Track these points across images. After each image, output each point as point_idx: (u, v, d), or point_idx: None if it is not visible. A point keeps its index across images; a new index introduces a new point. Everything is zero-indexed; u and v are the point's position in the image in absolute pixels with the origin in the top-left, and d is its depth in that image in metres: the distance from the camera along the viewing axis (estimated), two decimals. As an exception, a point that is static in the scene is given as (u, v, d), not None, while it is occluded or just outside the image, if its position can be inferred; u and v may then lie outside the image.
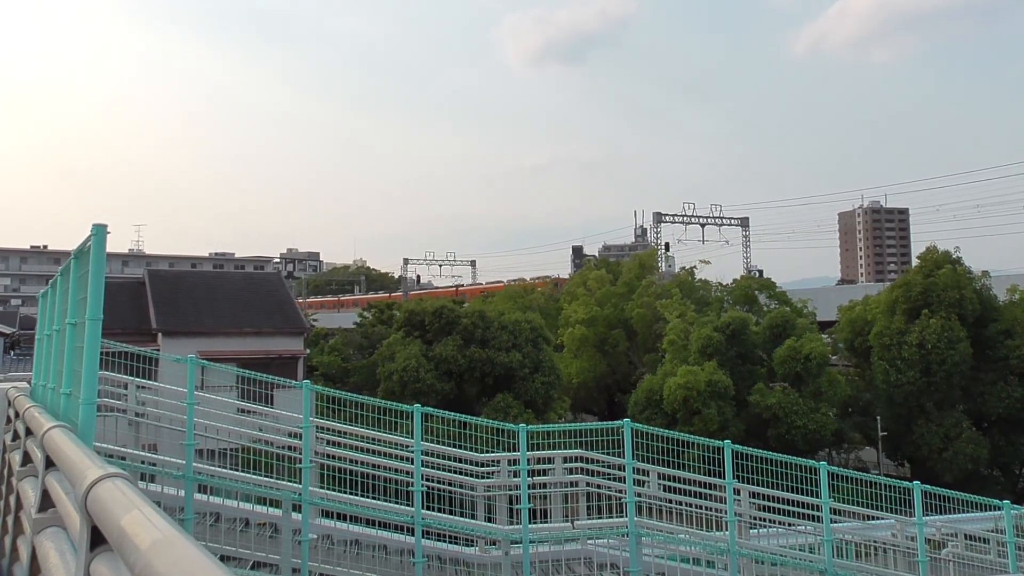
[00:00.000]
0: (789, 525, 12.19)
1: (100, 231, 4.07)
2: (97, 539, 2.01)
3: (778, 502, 12.06)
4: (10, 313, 59.05)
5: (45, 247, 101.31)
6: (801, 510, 12.05)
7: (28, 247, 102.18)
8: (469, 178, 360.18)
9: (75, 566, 2.25)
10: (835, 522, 11.89)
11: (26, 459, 4.71)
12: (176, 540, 1.28)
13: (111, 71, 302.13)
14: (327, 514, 10.97)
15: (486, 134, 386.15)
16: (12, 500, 4.93)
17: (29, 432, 4.73)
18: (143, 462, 10.08)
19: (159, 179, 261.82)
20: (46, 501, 3.31)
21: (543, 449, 12.23)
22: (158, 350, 20.63)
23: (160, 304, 32.37)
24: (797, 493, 11.74)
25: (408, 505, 10.49)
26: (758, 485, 11.69)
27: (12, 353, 42.02)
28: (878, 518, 13.04)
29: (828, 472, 11.54)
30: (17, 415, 5.89)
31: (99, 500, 1.92)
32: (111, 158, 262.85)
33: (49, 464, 3.42)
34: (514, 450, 11.11)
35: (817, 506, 11.58)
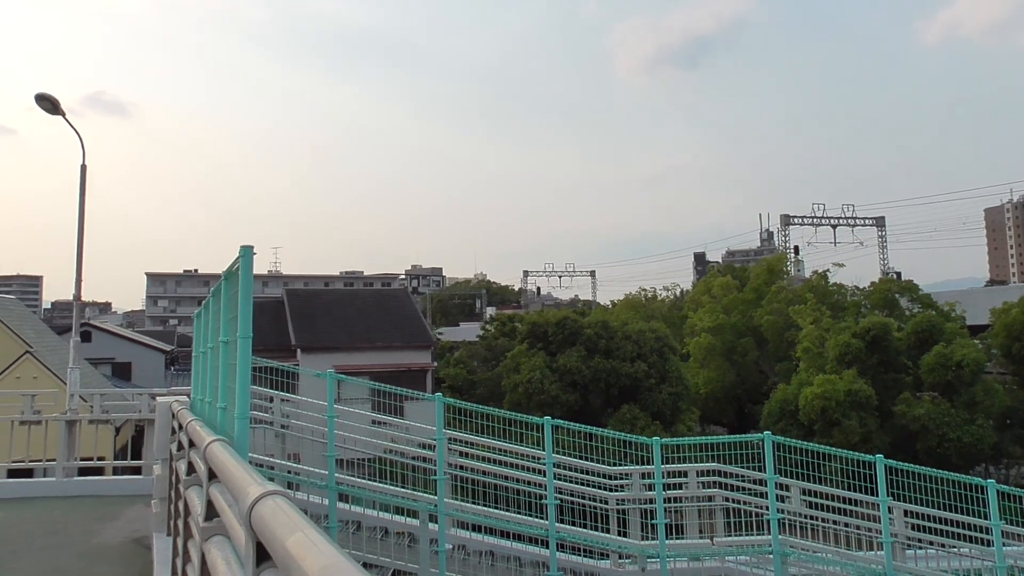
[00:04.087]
0: (951, 547, 11.21)
1: (247, 252, 4.12)
2: (262, 555, 2.07)
3: (933, 521, 11.15)
4: (168, 332, 64.42)
5: (196, 271, 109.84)
6: (955, 530, 11.09)
7: (181, 271, 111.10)
8: (584, 189, 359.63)
9: (243, 579, 2.34)
10: (1003, 545, 10.84)
11: (190, 468, 5.04)
12: (345, 569, 1.27)
13: (248, 109, 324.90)
14: (460, 524, 11.13)
15: (601, 144, 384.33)
16: (181, 506, 5.31)
17: (192, 444, 5.05)
18: (289, 471, 10.61)
19: (292, 204, 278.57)
20: (211, 511, 3.50)
21: (673, 462, 11.90)
22: (297, 365, 21.75)
23: (298, 321, 34.25)
24: (952, 511, 10.83)
25: (538, 517, 10.49)
26: (908, 502, 10.89)
27: (172, 368, 45.84)
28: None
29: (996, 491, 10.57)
30: (180, 427, 6.32)
31: (262, 518, 1.97)
32: (249, 188, 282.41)
33: (212, 476, 3.61)
34: (642, 462, 10.90)
35: (977, 527, 10.61)
